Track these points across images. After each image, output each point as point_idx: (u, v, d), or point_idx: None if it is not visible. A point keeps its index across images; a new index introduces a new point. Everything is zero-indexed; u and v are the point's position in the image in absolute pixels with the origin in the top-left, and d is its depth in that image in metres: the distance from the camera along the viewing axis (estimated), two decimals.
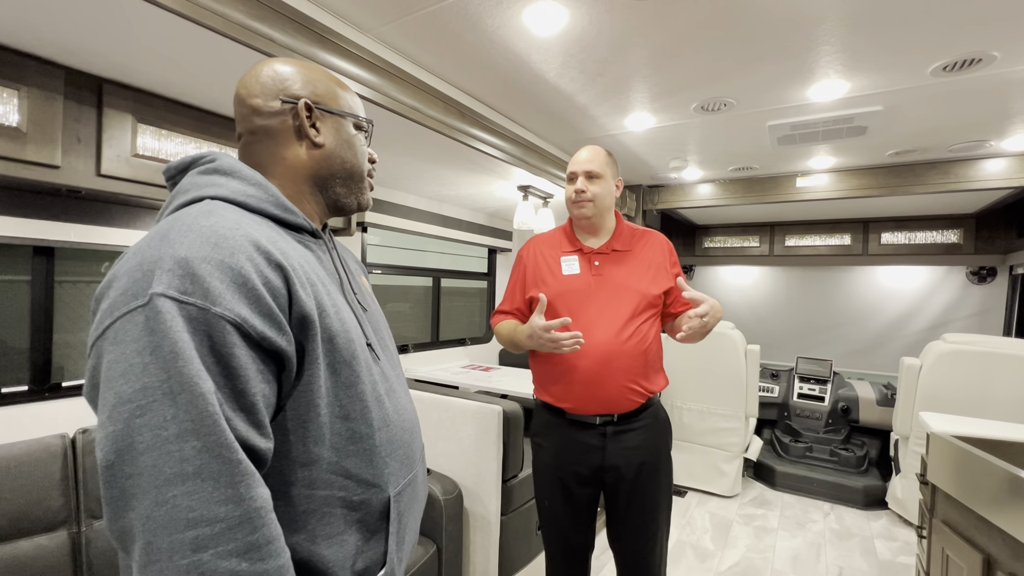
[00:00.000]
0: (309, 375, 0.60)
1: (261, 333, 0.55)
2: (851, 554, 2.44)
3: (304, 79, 0.71)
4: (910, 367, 2.72)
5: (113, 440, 0.49)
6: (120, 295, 0.52)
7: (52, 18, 1.09)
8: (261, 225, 0.62)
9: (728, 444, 3.05)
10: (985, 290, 3.73)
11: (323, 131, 0.72)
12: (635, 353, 1.33)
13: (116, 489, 0.48)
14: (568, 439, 1.38)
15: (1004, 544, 1.18)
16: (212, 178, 0.64)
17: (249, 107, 0.69)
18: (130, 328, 0.50)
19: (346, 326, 0.65)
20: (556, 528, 1.43)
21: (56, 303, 1.59)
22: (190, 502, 0.47)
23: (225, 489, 0.49)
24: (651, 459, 1.38)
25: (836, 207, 3.40)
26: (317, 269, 0.67)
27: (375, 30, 1.47)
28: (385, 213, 2.73)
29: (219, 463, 0.49)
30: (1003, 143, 2.36)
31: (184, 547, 0.47)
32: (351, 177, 0.75)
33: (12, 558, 1.17)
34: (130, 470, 0.48)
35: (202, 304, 0.51)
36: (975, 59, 1.57)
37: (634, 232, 1.47)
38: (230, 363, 0.52)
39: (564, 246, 1.45)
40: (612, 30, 1.45)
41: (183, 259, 0.52)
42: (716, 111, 2.06)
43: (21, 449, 1.24)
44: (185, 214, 0.58)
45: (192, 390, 0.49)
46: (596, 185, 1.38)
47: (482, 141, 2.02)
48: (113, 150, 1.39)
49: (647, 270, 1.40)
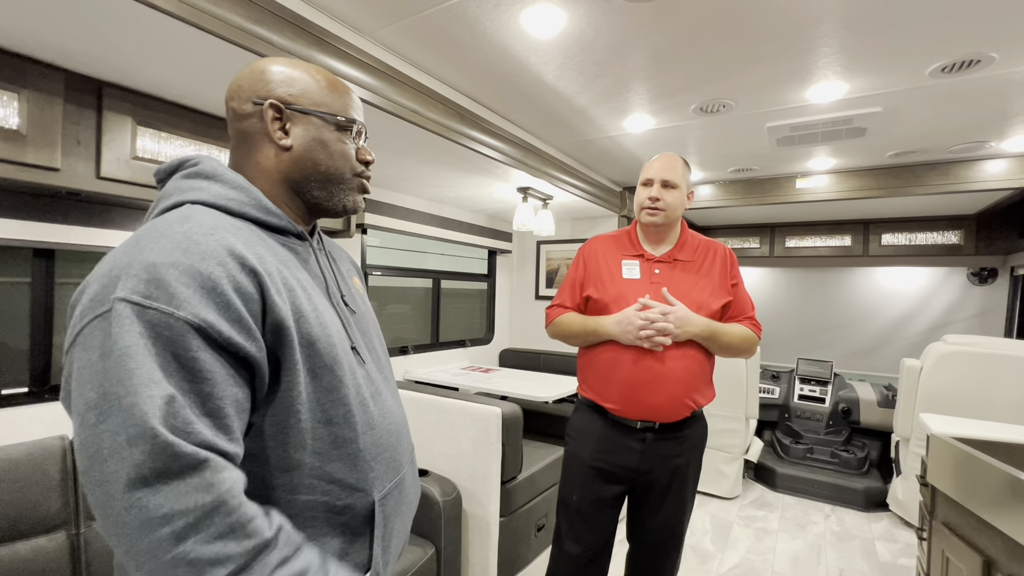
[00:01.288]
0: (288, 381, 0.60)
1: (228, 338, 0.54)
2: (852, 556, 2.44)
3: (281, 79, 0.68)
4: (911, 368, 2.71)
5: (84, 447, 0.49)
6: (89, 301, 0.53)
7: (52, 22, 1.10)
8: (241, 229, 0.62)
9: (728, 446, 3.04)
10: (986, 291, 3.72)
11: (293, 133, 0.68)
12: (690, 366, 1.32)
13: (93, 496, 0.49)
14: (606, 438, 1.38)
15: (1004, 546, 1.17)
16: (194, 182, 0.64)
17: (229, 110, 0.69)
18: (96, 334, 0.51)
19: (327, 331, 0.65)
20: (579, 523, 1.42)
21: (56, 305, 1.60)
22: (158, 500, 0.47)
23: (189, 479, 0.49)
24: (684, 467, 1.39)
25: (836, 208, 3.39)
26: (298, 273, 0.66)
27: (374, 33, 1.47)
28: (385, 215, 2.73)
29: (175, 460, 0.49)
30: (1003, 144, 2.36)
31: (164, 543, 0.47)
32: (328, 180, 0.71)
33: (10, 560, 1.17)
34: (100, 476, 0.48)
35: (165, 309, 0.51)
36: (974, 60, 1.56)
37: (698, 243, 1.46)
38: (194, 367, 0.52)
39: (627, 249, 1.45)
40: (610, 32, 1.45)
41: (150, 264, 0.52)
42: (715, 112, 2.06)
43: (20, 451, 1.24)
44: (161, 220, 0.58)
45: (138, 393, 0.49)
46: (671, 194, 1.37)
47: (481, 143, 2.02)
48: (113, 152, 1.39)
49: (708, 283, 1.39)
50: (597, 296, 1.41)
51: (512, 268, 4.00)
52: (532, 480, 2.08)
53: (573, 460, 1.45)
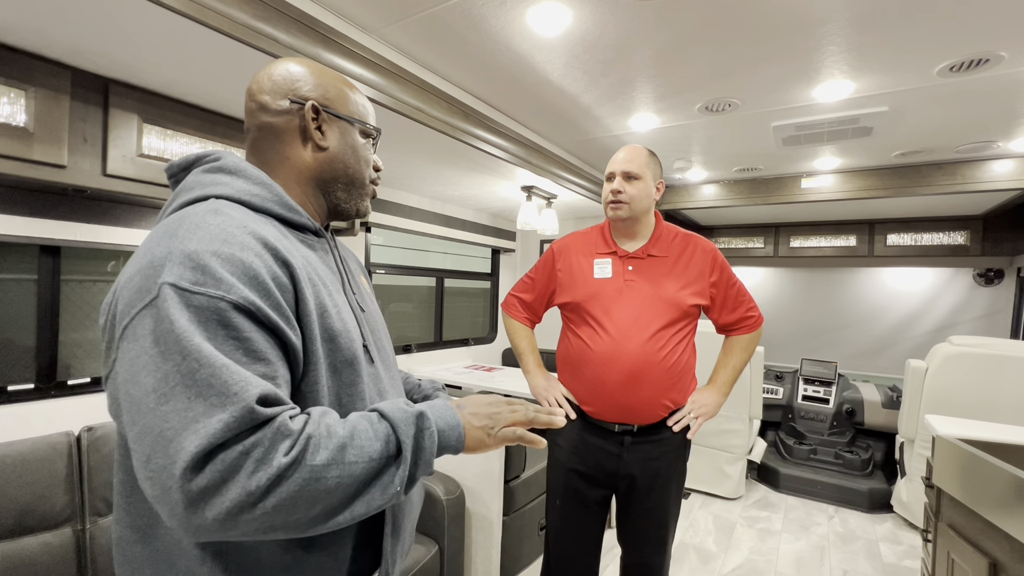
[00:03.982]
0: (314, 374, 0.60)
1: (274, 322, 0.55)
2: (855, 557, 2.43)
3: (316, 81, 0.71)
4: (916, 369, 2.70)
5: (143, 435, 0.48)
6: (134, 293, 0.52)
7: (59, 20, 1.10)
8: (265, 224, 0.62)
9: (732, 446, 3.04)
10: (992, 292, 3.70)
11: (328, 135, 0.71)
12: (666, 366, 1.29)
13: (156, 483, 0.48)
14: (585, 441, 1.37)
15: (1010, 549, 1.17)
16: (217, 176, 0.64)
17: (257, 103, 0.70)
18: (146, 322, 0.51)
19: (347, 326, 0.65)
20: (565, 527, 1.42)
21: (62, 302, 1.60)
22: (232, 457, 0.48)
23: (250, 418, 0.49)
24: (667, 470, 1.36)
25: (841, 208, 3.37)
26: (320, 269, 0.67)
27: (379, 30, 1.47)
28: (388, 213, 2.73)
29: (250, 418, 0.49)
30: (1011, 144, 2.34)
31: (253, 492, 0.48)
32: (352, 183, 0.75)
33: (17, 555, 1.17)
34: (164, 462, 0.47)
35: (214, 293, 0.51)
36: (982, 59, 1.55)
37: (676, 236, 1.41)
38: (249, 347, 0.53)
39: (600, 247, 1.42)
40: (616, 30, 1.45)
41: (193, 252, 0.52)
42: (720, 112, 2.05)
43: (26, 446, 1.25)
44: (192, 212, 0.58)
45: (214, 362, 0.49)
46: (633, 187, 1.33)
47: (485, 141, 2.02)
48: (119, 150, 1.40)
49: (681, 278, 1.35)
50: (569, 299, 1.40)
51: (516, 267, 4.00)
52: (535, 479, 2.08)
53: (555, 463, 1.44)
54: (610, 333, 1.30)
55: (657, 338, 1.29)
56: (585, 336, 1.35)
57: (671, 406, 1.33)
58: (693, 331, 1.39)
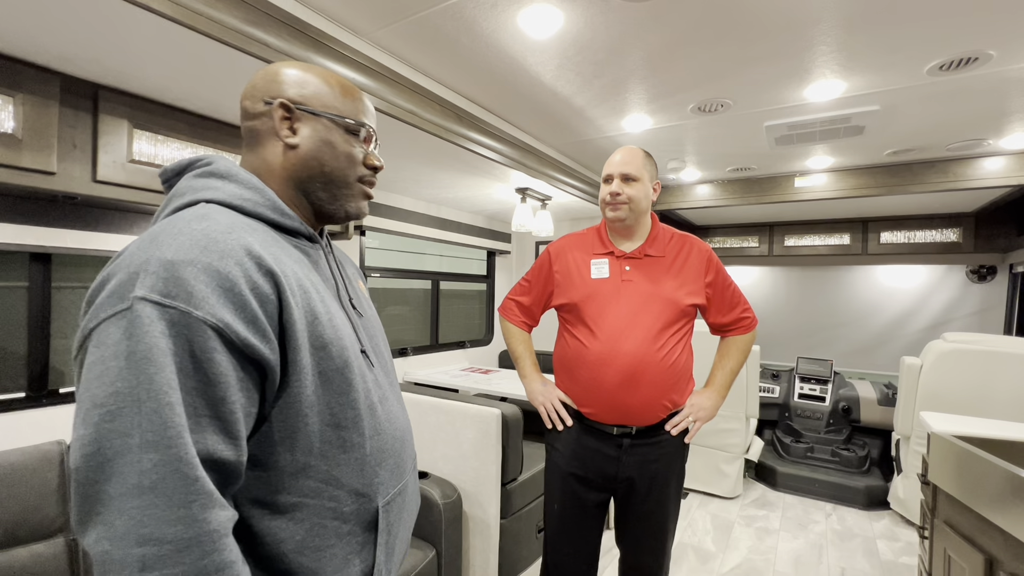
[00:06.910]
0: (297, 385, 0.59)
1: (244, 340, 0.54)
2: (853, 555, 2.43)
3: (293, 81, 0.69)
4: (911, 366, 2.71)
5: (83, 444, 0.48)
6: (106, 297, 0.52)
7: (48, 25, 1.09)
8: (256, 230, 0.61)
9: (729, 445, 3.04)
10: (985, 289, 3.72)
11: (300, 132, 0.68)
12: (664, 366, 1.29)
13: (80, 494, 0.48)
14: (583, 444, 1.37)
15: (1006, 544, 1.17)
16: (208, 181, 0.64)
17: (241, 108, 0.70)
18: (112, 331, 0.50)
19: (339, 333, 0.64)
20: (563, 531, 1.41)
21: (53, 309, 1.59)
22: (143, 517, 0.47)
23: (177, 509, 0.48)
24: (666, 472, 1.36)
25: (835, 207, 3.39)
26: (311, 275, 0.66)
27: (370, 34, 1.47)
28: (383, 216, 2.73)
29: (175, 479, 0.48)
30: (1001, 141, 2.36)
31: (133, 564, 0.46)
32: (331, 182, 0.71)
33: (8, 566, 1.16)
34: (95, 476, 0.48)
35: (184, 308, 0.50)
36: (971, 58, 1.56)
37: (672, 237, 1.42)
38: (209, 369, 0.52)
39: (596, 248, 1.42)
40: (608, 32, 1.45)
41: (168, 262, 0.51)
42: (713, 112, 2.06)
43: (17, 456, 1.23)
44: (178, 218, 0.57)
45: (159, 399, 0.48)
46: (632, 188, 1.33)
47: (479, 144, 2.02)
48: (109, 156, 1.39)
49: (679, 278, 1.36)
50: (566, 300, 1.39)
51: (511, 269, 4.00)
52: (532, 481, 2.07)
53: (552, 467, 1.43)
54: (607, 333, 1.30)
55: (656, 338, 1.29)
56: (582, 337, 1.35)
57: (670, 407, 1.33)
58: (690, 331, 1.39)
